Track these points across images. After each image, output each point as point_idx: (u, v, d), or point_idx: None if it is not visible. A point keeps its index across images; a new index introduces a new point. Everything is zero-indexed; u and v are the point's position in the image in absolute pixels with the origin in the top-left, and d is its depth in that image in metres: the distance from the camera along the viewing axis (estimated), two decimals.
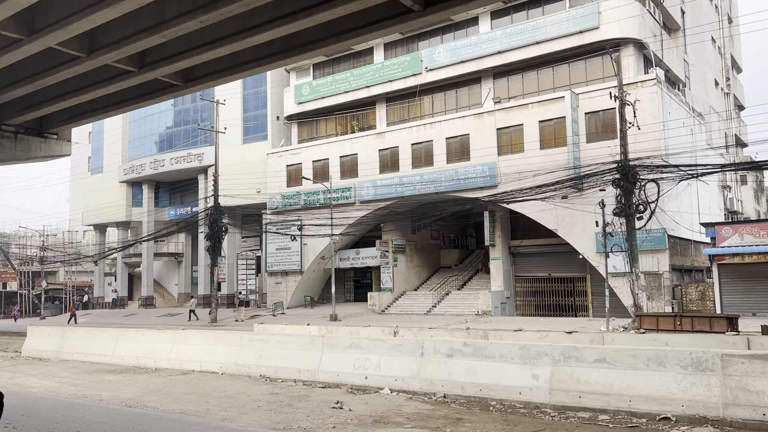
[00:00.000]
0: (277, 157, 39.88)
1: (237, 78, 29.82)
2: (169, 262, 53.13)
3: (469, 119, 31.93)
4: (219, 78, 27.52)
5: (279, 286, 39.48)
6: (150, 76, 26.35)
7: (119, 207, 50.10)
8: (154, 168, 46.45)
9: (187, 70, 27.27)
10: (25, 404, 10.94)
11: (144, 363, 15.31)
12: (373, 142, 35.53)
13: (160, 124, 48.30)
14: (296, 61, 24.13)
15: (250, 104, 43.38)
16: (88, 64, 24.78)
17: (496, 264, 32.08)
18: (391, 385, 11.24)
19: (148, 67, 25.39)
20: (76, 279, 60.26)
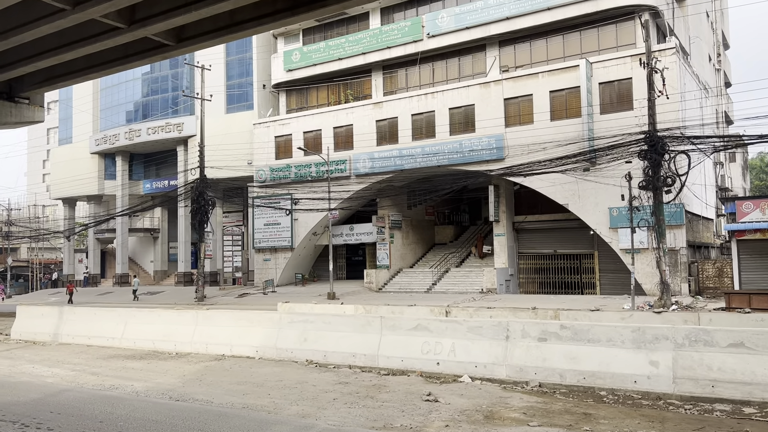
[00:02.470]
0: (265, 127, 37.82)
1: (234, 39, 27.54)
2: (144, 239, 50.62)
3: (475, 89, 30.54)
4: (214, 38, 25.16)
5: (267, 263, 37.73)
6: (140, 34, 23.89)
7: (90, 180, 47.22)
8: (130, 138, 43.76)
9: (180, 28, 24.85)
10: (47, 398, 9.28)
11: (162, 347, 13.67)
12: (369, 113, 33.84)
13: (134, 93, 45.48)
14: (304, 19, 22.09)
15: (234, 71, 41.01)
16: (72, 18, 22.21)
17: (500, 240, 31.04)
18: (470, 372, 9.95)
19: (139, 24, 22.91)
20: (41, 256, 57.17)
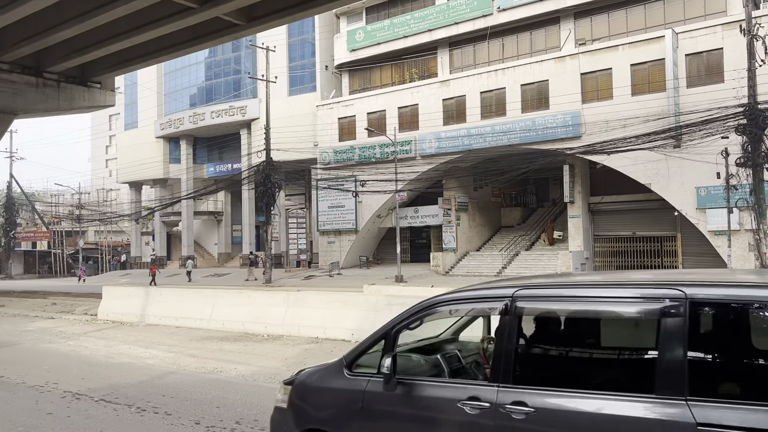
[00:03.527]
0: (328, 109, 37.45)
1: (304, 16, 27.27)
2: (208, 221, 51.34)
3: (549, 64, 29.25)
4: (284, 16, 24.88)
5: (332, 246, 37.56)
6: (211, 14, 23.78)
7: (155, 164, 48.08)
8: (194, 122, 44.20)
9: (250, 7, 24.66)
10: (154, 380, 9.02)
11: (252, 329, 13.38)
12: (436, 91, 32.97)
13: (198, 77, 45.90)
14: None
15: (296, 53, 40.77)
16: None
17: (575, 222, 29.84)
18: None
19: (211, 3, 22.80)
20: (108, 238, 58.87)
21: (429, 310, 4.06)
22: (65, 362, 10.73)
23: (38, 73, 29.04)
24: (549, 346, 3.90)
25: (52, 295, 25.51)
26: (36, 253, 56.56)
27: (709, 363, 3.11)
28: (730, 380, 3.05)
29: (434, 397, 3.76)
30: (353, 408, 4.09)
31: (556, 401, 3.29)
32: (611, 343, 3.82)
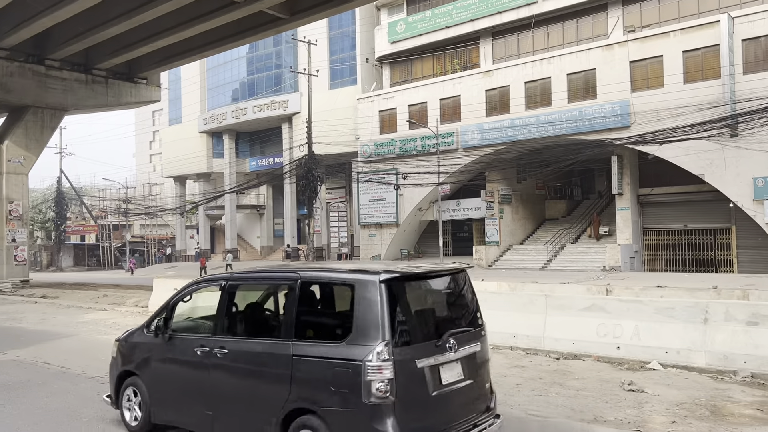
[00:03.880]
0: (369, 102, 37.34)
1: (347, 8, 27.22)
2: (250, 215, 51.96)
3: (596, 52, 28.47)
4: (327, 9, 24.88)
5: (373, 239, 37.52)
6: (255, 8, 23.94)
7: (199, 158, 48.82)
8: (236, 117, 44.67)
9: (293, 1, 24.78)
10: None
11: None
12: (478, 82, 32.49)
13: (240, 72, 46.33)
14: None
15: (337, 46, 40.74)
16: None
17: (624, 215, 29.06)
18: (659, 359, 8.82)
19: None
20: (153, 232, 60.14)
21: (186, 291, 6.30)
22: None
23: (87, 70, 29.72)
24: (236, 311, 5.93)
25: (102, 287, 26.12)
26: (85, 246, 58.15)
27: (304, 319, 5.19)
28: (311, 328, 5.18)
29: (185, 345, 5.93)
30: (147, 354, 6.36)
31: (236, 344, 5.52)
32: (267, 306, 5.99)
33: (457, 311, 5.59)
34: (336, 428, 4.66)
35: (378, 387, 4.51)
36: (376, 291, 4.73)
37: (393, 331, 4.65)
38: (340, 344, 4.77)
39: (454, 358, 4.97)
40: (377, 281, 4.76)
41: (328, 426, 4.68)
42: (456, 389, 4.97)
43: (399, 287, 4.92)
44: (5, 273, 27.07)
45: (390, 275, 4.82)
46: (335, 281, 5.39)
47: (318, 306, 5.45)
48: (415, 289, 5.29)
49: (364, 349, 4.59)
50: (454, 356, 4.97)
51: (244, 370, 5.40)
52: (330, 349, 4.82)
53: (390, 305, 4.70)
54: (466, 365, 5.11)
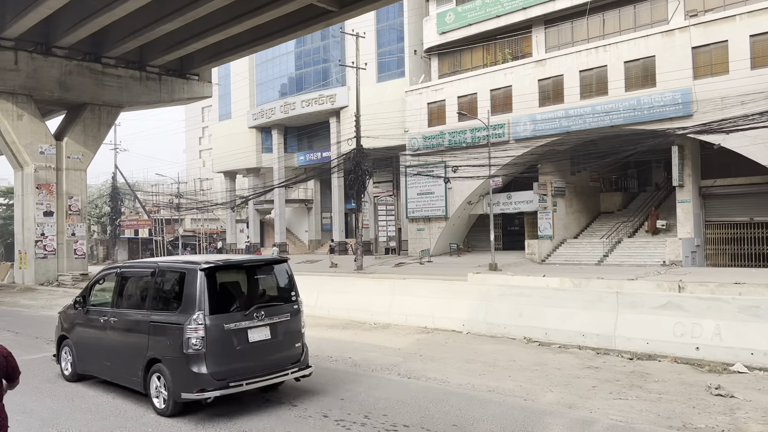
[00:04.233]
0: (417, 94, 36.93)
1: None
2: (298, 209, 52.33)
3: (655, 38, 27.34)
4: (377, 0, 24.75)
5: (421, 233, 37.20)
6: (305, 2, 23.83)
7: (249, 153, 49.36)
8: (285, 112, 44.94)
9: None
10: None
11: (357, 317, 13.20)
12: (531, 72, 31.69)
13: (288, 67, 46.56)
14: None
15: (385, 39, 40.44)
16: None
17: (685, 207, 27.90)
18: (743, 360, 8.26)
19: None
20: (203, 226, 61.27)
21: (99, 277, 8.68)
22: None
23: (141, 67, 30.27)
24: (122, 291, 8.00)
25: None
26: (139, 240, 59.66)
27: (158, 295, 7.33)
28: (161, 302, 7.26)
29: (96, 316, 8.10)
30: (74, 322, 8.57)
31: (121, 314, 7.67)
32: (140, 286, 7.85)
33: (269, 290, 7.75)
34: (171, 371, 6.76)
35: (193, 342, 6.63)
36: (196, 276, 6.81)
37: (207, 304, 6.72)
38: (175, 313, 6.93)
39: (261, 324, 7.04)
40: (197, 269, 6.87)
41: (168, 370, 6.79)
42: (263, 345, 7.07)
43: (214, 274, 6.94)
44: (66, 266, 27.89)
45: (208, 265, 6.91)
46: (176, 269, 7.35)
47: (165, 287, 7.44)
48: (229, 274, 7.47)
49: (186, 316, 6.72)
50: (260, 323, 7.04)
51: (126, 332, 7.58)
52: (169, 317, 6.97)
53: (207, 286, 6.77)
54: (275, 329, 7.19)
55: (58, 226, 27.50)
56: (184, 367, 6.65)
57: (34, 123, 26.95)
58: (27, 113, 26.60)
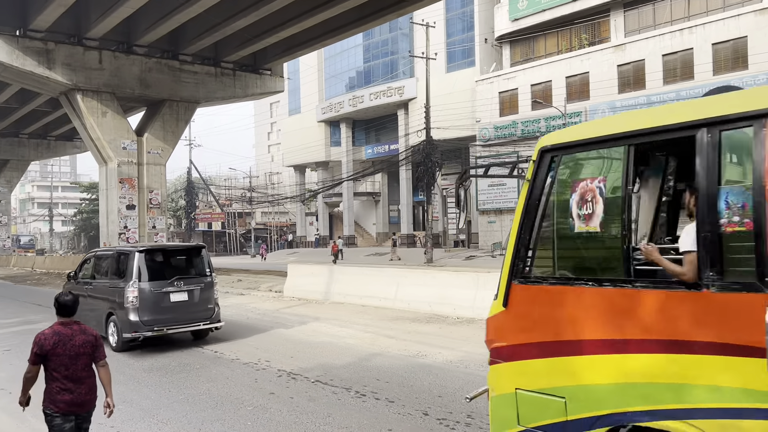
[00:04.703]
0: (488, 83, 36.16)
1: None
2: (366, 202, 52.48)
3: (747, 18, 25.64)
4: None
5: (492, 225, 36.47)
6: None
7: (318, 147, 49.82)
8: (353, 105, 45.03)
9: None
10: (362, 362, 8.74)
11: (439, 310, 12.88)
12: (609, 57, 30.41)
13: (356, 60, 46.63)
14: None
15: (455, 28, 39.79)
16: None
17: None
18: None
19: None
20: (273, 219, 62.44)
21: (86, 258, 12.02)
22: (269, 338, 10.91)
23: (216, 63, 30.85)
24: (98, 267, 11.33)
25: (234, 272, 27.16)
26: (213, 233, 61.45)
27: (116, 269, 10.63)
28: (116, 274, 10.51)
29: (82, 285, 11.29)
30: (72, 290, 10.36)
31: (96, 282, 11.18)
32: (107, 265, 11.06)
33: (189, 268, 10.76)
34: (119, 320, 9.99)
35: (131, 300, 9.79)
36: (135, 256, 10.00)
37: (140, 274, 9.92)
38: (122, 280, 10.09)
39: (179, 290, 10.17)
40: (135, 251, 10.12)
41: (118, 318, 10.05)
42: (182, 304, 10.19)
43: (147, 255, 10.19)
44: None
45: (143, 248, 10.30)
46: (125, 252, 10.54)
47: (120, 264, 10.44)
48: (159, 255, 10.57)
49: (127, 282, 9.90)
50: (179, 289, 10.16)
51: (97, 295, 10.88)
52: (119, 283, 10.16)
53: (141, 262, 9.96)
54: (191, 294, 10.30)
55: (139, 219, 28.46)
56: (126, 316, 9.92)
57: (117, 120, 27.92)
58: (110, 110, 27.59)
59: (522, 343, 3.90)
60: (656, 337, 3.22)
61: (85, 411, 4.40)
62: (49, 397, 4.29)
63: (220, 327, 10.76)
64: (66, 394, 4.26)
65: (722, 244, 3.03)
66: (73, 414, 4.32)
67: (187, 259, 10.93)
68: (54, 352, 4.21)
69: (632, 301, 3.32)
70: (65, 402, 4.26)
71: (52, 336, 4.24)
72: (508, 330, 4.01)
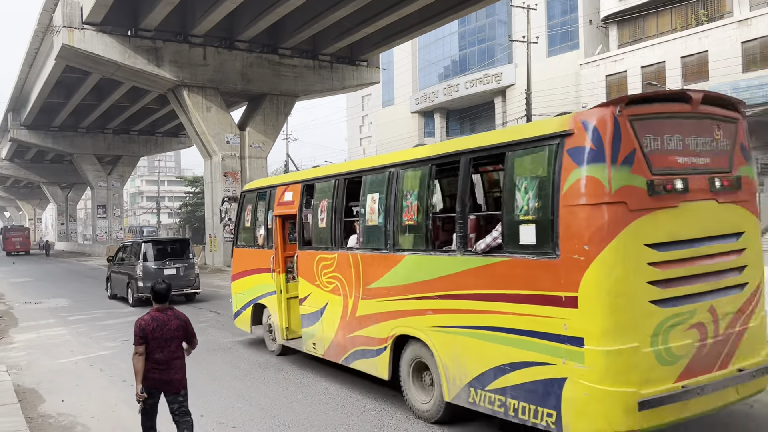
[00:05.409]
0: (594, 67, 34.16)
1: None
2: None
3: None
4: None
5: None
6: None
7: (411, 139, 49.22)
8: (448, 94, 44.14)
9: None
10: None
11: None
12: (731, 34, 27.77)
13: (451, 48, 45.67)
14: None
15: (556, 10, 37.96)
16: None
17: None
18: None
19: None
20: None
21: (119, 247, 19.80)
22: None
23: (314, 56, 30.98)
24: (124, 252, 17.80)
25: None
26: None
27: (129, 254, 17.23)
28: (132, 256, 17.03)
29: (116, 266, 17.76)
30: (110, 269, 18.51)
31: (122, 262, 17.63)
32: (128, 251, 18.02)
33: (176, 252, 16.25)
34: (133, 285, 15.69)
35: (138, 272, 15.38)
36: (141, 245, 16.14)
37: (144, 257, 15.68)
38: (134, 261, 15.93)
39: (170, 267, 15.68)
40: (142, 242, 16.47)
41: (133, 284, 15.70)
42: (173, 276, 15.23)
43: (150, 244, 16.35)
44: None
45: (147, 240, 17.32)
46: (137, 242, 16.86)
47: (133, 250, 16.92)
48: (157, 244, 16.54)
49: (136, 262, 15.66)
50: (169, 266, 15.70)
51: (124, 271, 16.57)
52: (133, 262, 15.92)
53: (145, 249, 15.87)
54: (178, 270, 15.80)
55: None
56: (136, 283, 15.31)
57: (221, 114, 28.64)
58: (214, 105, 28.33)
59: (234, 273, 10.12)
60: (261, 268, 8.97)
61: (173, 389, 4.84)
62: None
63: (198, 293, 16.50)
64: (156, 372, 4.75)
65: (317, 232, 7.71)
66: (160, 391, 4.82)
67: (177, 247, 16.77)
68: (153, 336, 4.74)
69: (261, 255, 8.92)
70: (154, 379, 4.75)
71: (151, 321, 4.77)
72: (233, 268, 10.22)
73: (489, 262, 5.08)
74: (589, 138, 4.44)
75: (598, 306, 4.24)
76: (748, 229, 5.01)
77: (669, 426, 4.35)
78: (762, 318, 5.02)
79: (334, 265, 7.09)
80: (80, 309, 15.69)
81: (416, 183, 6.01)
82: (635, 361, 4.21)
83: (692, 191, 4.59)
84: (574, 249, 4.36)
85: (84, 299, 18.02)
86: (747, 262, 4.93)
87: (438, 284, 5.55)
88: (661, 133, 4.62)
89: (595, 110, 4.57)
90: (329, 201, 7.30)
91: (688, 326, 4.46)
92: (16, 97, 44.32)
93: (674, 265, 4.46)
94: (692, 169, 4.68)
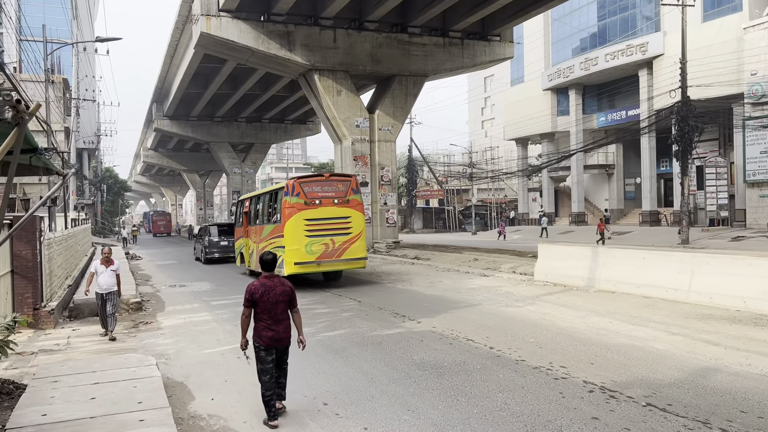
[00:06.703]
0: (761, 30, 29.99)
1: None
2: (597, 176, 48.11)
3: None
4: None
5: (764, 200, 30.51)
6: None
7: (543, 118, 46.67)
8: (585, 68, 41.10)
9: None
10: (697, 380, 6.52)
11: (757, 307, 9.95)
12: None
13: (588, 18, 42.43)
14: None
15: None
16: None
17: None
18: None
19: None
20: (492, 195, 60.60)
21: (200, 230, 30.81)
22: (547, 334, 9.09)
23: (444, 33, 29.68)
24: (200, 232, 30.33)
25: (465, 250, 25.92)
26: (432, 209, 61.64)
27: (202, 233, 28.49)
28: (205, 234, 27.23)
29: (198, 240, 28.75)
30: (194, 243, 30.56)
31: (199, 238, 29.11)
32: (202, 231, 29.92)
33: (228, 232, 25.82)
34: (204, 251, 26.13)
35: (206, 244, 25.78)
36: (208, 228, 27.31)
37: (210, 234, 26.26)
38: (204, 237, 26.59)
39: (224, 241, 25.52)
40: (208, 226, 27.83)
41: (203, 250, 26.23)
42: (225, 246, 25.39)
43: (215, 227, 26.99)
44: (379, 234, 28.98)
45: (213, 224, 27.81)
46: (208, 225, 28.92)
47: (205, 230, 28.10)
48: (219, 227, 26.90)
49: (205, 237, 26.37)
50: (224, 240, 25.56)
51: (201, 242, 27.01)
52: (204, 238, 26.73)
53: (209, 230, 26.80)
54: (228, 243, 25.08)
55: (372, 195, 28.61)
56: (205, 249, 25.53)
57: (350, 98, 28.20)
58: (344, 89, 27.93)
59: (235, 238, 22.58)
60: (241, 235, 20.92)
61: (282, 346, 5.72)
62: (256, 333, 5.70)
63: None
64: (268, 331, 5.63)
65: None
66: (273, 348, 5.66)
67: (227, 229, 25.82)
68: (261, 299, 5.58)
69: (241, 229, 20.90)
70: (268, 337, 5.63)
71: (260, 287, 5.62)
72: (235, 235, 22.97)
73: (272, 226, 16.37)
74: (290, 187, 15.43)
75: (289, 237, 15.01)
76: (353, 215, 15.66)
77: (311, 274, 16.45)
78: (361, 245, 15.63)
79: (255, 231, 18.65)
80: (222, 293, 15.63)
81: (264, 200, 18.16)
82: (298, 252, 14.96)
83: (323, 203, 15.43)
84: (284, 219, 15.28)
85: (226, 282, 18.22)
86: (351, 227, 15.56)
87: (268, 234, 16.74)
88: (311, 186, 15.63)
89: (289, 181, 15.80)
90: (253, 205, 19.53)
91: (320, 244, 15.13)
92: (159, 89, 47.05)
93: (313, 225, 15.11)
94: (324, 196, 15.51)
